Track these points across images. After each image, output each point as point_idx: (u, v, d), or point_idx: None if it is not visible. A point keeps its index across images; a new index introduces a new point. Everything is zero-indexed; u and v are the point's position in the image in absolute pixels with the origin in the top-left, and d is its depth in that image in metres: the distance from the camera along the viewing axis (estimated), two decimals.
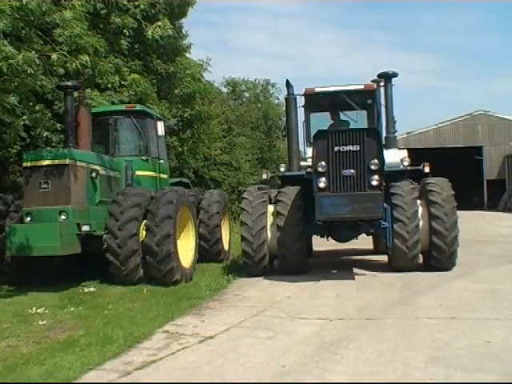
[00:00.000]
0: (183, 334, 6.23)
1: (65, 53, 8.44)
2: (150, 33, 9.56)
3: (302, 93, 11.84)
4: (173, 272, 9.52)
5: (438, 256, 9.75)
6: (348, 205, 8.99)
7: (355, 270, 10.55)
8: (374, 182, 9.04)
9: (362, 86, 11.75)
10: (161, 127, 11.51)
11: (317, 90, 11.87)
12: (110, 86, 13.58)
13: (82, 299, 8.45)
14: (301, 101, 11.92)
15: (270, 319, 6.76)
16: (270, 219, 10.43)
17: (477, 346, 5.24)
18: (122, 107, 11.96)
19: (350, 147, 9.09)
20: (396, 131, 11.98)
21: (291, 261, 10.10)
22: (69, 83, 9.77)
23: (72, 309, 7.74)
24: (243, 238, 10.25)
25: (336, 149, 9.14)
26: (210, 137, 23.40)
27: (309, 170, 10.14)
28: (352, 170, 9.09)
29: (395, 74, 11.66)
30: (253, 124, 40.30)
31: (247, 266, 10.40)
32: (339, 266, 11.34)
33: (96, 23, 12.98)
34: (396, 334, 5.86)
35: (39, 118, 10.23)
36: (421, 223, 9.82)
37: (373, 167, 9.04)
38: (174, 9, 17.21)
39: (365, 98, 11.95)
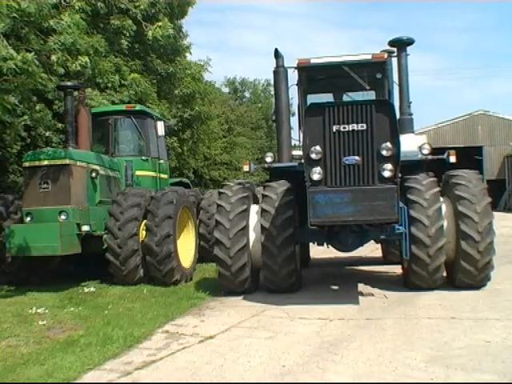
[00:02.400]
0: (183, 334, 6.23)
1: (65, 53, 8.46)
2: (150, 33, 9.57)
3: (295, 65, 9.45)
4: (173, 272, 9.54)
5: (468, 267, 7.72)
6: (351, 203, 6.98)
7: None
8: (387, 173, 7.00)
9: (369, 57, 9.24)
10: (161, 127, 11.52)
11: (313, 61, 9.37)
12: (110, 85, 13.61)
13: (82, 299, 8.46)
14: (294, 78, 9.71)
15: (269, 319, 6.75)
16: (253, 221, 8.53)
17: (477, 346, 5.23)
18: (122, 107, 11.98)
19: (354, 126, 7.02)
20: (412, 114, 9.70)
21: (279, 274, 8.08)
22: (69, 83, 9.81)
23: (72, 309, 7.74)
24: (217, 242, 8.22)
25: (335, 128, 7.07)
26: (210, 137, 23.45)
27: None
28: (357, 157, 7.04)
29: (411, 41, 9.50)
30: (253, 124, 40.38)
31: (222, 279, 8.38)
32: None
33: (96, 23, 12.99)
34: (396, 334, 5.86)
35: (40, 118, 10.26)
36: (445, 225, 7.85)
37: (384, 153, 6.97)
38: (174, 9, 17.25)
39: (373, 72, 9.42)
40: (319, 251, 10.22)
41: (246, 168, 9.38)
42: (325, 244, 8.93)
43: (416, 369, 4.68)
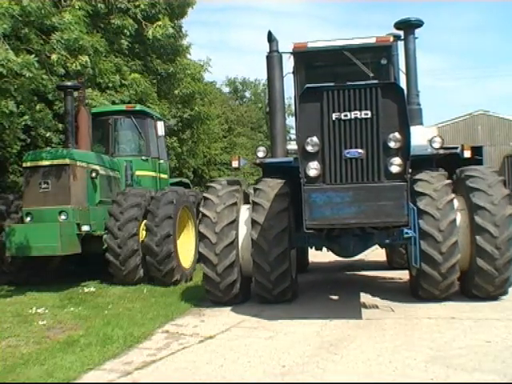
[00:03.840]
0: (183, 334, 6.23)
1: (65, 53, 8.46)
2: (150, 32, 9.57)
3: (291, 50, 8.57)
4: (173, 272, 9.55)
5: (482, 284, 6.97)
6: (353, 203, 6.11)
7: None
8: (395, 168, 6.13)
9: (373, 40, 8.33)
10: (161, 127, 11.54)
11: (310, 45, 8.43)
12: (110, 85, 13.62)
13: (82, 299, 8.46)
14: (289, 64, 8.76)
15: (269, 319, 6.74)
16: (243, 226, 7.63)
17: (477, 346, 5.23)
18: (122, 107, 12.00)
19: (357, 113, 6.12)
20: (420, 104, 8.84)
21: (271, 291, 7.33)
22: (69, 83, 9.82)
23: (72, 309, 7.74)
24: (203, 257, 7.38)
25: (334, 116, 6.15)
26: (210, 137, 23.43)
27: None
28: (360, 150, 6.15)
29: (420, 23, 8.61)
30: (253, 124, 40.38)
31: (211, 295, 7.64)
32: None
33: (96, 23, 12.99)
34: (396, 334, 5.86)
35: (40, 118, 10.27)
36: (459, 238, 6.93)
37: (392, 145, 6.10)
38: (174, 9, 17.25)
39: (377, 57, 8.51)
40: (319, 253, 9.74)
41: (235, 164, 8.34)
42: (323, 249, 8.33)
43: (416, 369, 4.67)
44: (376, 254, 11.65)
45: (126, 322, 6.79)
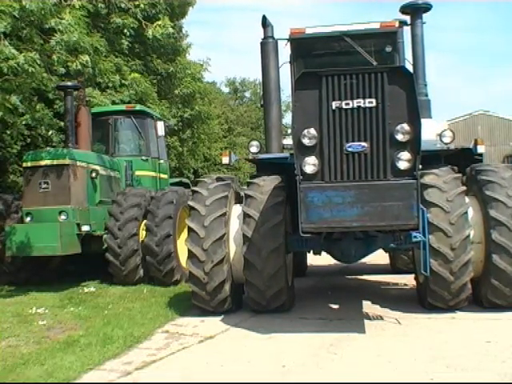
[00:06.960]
0: (183, 334, 6.23)
1: (65, 53, 8.47)
2: (150, 32, 9.58)
3: (288, 36, 7.96)
4: (173, 272, 9.56)
5: (499, 286, 6.30)
6: (356, 204, 5.48)
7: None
8: (403, 164, 5.51)
9: (377, 26, 7.73)
10: (161, 127, 11.54)
11: (309, 31, 7.84)
12: (110, 85, 13.64)
13: (82, 299, 8.46)
14: (285, 53, 8.16)
15: (269, 319, 6.74)
16: (235, 226, 7.02)
17: (477, 346, 5.23)
18: (122, 107, 12.00)
19: (360, 102, 5.49)
20: (428, 95, 8.24)
21: (265, 294, 6.63)
22: (69, 83, 9.83)
23: (72, 309, 7.74)
24: (190, 254, 6.76)
25: (335, 105, 5.54)
26: (211, 137, 23.46)
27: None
28: (363, 143, 5.52)
29: (428, 6, 8.08)
30: (253, 124, 40.41)
31: (197, 299, 6.93)
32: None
33: (96, 23, 13.00)
34: (396, 333, 5.86)
35: (41, 117, 10.29)
36: (472, 233, 6.37)
37: (400, 137, 5.48)
38: (175, 9, 17.27)
39: (382, 45, 7.84)
40: (318, 256, 9.45)
41: (225, 160, 7.73)
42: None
43: (416, 369, 4.67)
44: (380, 255, 11.42)
45: (126, 322, 6.79)
